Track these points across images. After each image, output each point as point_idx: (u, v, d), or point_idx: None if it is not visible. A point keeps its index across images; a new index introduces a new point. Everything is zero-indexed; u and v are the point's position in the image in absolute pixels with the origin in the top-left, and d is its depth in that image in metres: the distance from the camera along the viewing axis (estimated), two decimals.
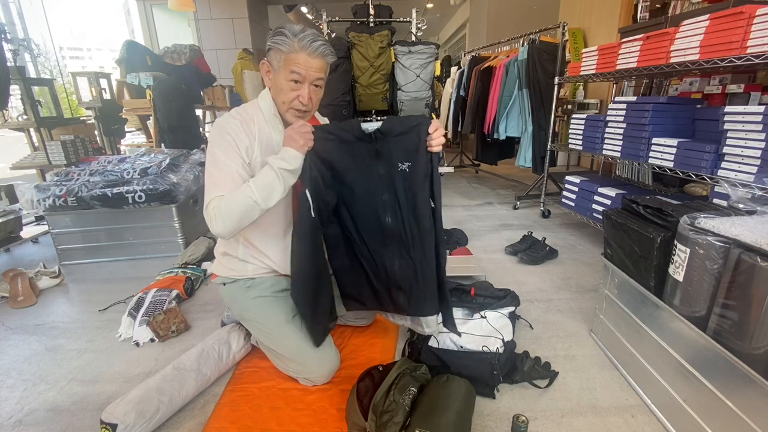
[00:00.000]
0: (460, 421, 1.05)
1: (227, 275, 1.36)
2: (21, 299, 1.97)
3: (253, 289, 1.34)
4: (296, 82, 1.17)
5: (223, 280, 1.36)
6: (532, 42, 3.33)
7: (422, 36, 3.31)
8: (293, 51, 1.13)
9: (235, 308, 1.39)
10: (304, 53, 1.14)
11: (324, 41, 1.17)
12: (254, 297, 1.34)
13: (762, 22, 1.50)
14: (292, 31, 1.13)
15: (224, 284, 1.36)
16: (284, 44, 1.13)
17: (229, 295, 1.37)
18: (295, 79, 1.16)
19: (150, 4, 7.42)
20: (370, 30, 2.88)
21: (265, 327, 1.33)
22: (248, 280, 1.35)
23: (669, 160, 2.00)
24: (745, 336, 0.89)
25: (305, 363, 1.30)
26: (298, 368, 1.32)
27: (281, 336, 1.31)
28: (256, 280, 1.35)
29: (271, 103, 1.24)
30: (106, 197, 2.33)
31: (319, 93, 1.26)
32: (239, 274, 1.35)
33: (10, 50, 3.39)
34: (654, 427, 1.16)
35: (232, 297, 1.37)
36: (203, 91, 4.87)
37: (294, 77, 1.16)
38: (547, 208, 3.23)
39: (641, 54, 2.11)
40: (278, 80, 1.18)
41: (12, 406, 1.30)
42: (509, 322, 1.48)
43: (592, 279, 2.09)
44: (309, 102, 1.21)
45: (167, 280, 1.99)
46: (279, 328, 1.31)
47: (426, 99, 2.92)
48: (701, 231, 1.01)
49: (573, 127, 2.76)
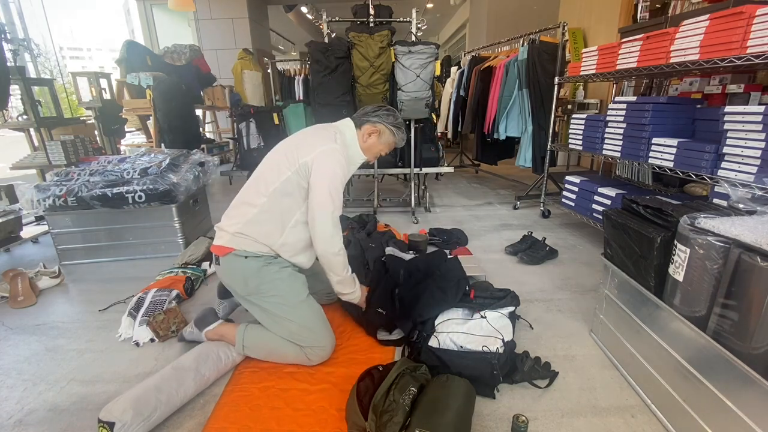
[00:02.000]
0: (460, 421, 1.05)
1: (254, 250, 1.41)
2: (21, 299, 1.97)
3: (274, 265, 1.44)
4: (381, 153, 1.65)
5: (246, 254, 1.41)
6: (532, 42, 3.33)
7: (422, 36, 3.30)
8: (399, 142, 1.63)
9: (252, 281, 1.41)
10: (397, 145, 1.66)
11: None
12: (276, 271, 1.44)
13: (762, 22, 1.50)
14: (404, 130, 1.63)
15: (246, 257, 1.41)
16: (398, 135, 1.60)
17: (249, 268, 1.41)
18: (383, 153, 1.64)
19: (150, 4, 7.43)
20: (370, 30, 2.88)
21: (285, 298, 1.43)
22: (270, 257, 1.45)
23: (669, 160, 2.00)
24: (745, 336, 0.89)
25: (318, 331, 1.44)
26: (311, 336, 1.42)
27: (301, 306, 1.44)
28: (278, 259, 1.47)
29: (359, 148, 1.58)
30: (106, 197, 2.32)
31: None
32: (265, 251, 1.43)
33: (10, 50, 3.39)
34: (654, 427, 1.16)
35: (252, 270, 1.41)
36: (203, 91, 4.87)
37: (385, 152, 1.64)
38: (547, 208, 3.23)
39: (641, 54, 2.11)
40: (376, 145, 1.59)
41: (12, 406, 1.30)
42: (509, 322, 1.48)
43: (592, 279, 2.09)
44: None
45: (167, 280, 1.99)
46: (299, 300, 1.45)
47: (426, 99, 2.92)
48: (701, 231, 1.01)
49: (573, 127, 2.76)
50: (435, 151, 3.43)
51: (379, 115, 1.56)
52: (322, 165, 1.39)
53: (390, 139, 1.60)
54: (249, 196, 1.45)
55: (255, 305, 1.44)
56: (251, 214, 1.41)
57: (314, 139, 1.46)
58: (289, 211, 1.43)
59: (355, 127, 1.57)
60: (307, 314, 1.44)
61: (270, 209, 1.41)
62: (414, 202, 3.32)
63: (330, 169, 1.40)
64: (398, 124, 1.58)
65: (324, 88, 2.95)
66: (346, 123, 1.58)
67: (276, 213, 1.42)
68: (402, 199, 3.73)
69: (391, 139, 1.60)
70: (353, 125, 1.57)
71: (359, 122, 1.57)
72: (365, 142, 1.57)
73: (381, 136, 1.58)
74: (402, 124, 1.60)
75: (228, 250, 1.42)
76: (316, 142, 1.44)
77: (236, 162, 4.19)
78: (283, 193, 1.41)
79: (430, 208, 3.54)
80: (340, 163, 1.42)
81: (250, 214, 1.41)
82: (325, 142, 1.44)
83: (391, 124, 1.56)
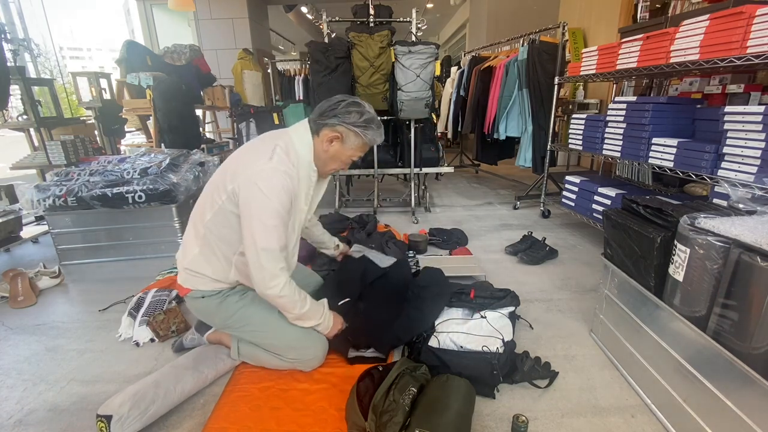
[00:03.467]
0: (460, 421, 1.05)
1: (209, 288, 1.32)
2: (21, 299, 1.97)
3: (233, 296, 1.36)
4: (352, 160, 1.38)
5: (202, 293, 1.33)
6: (532, 42, 3.33)
7: (422, 36, 3.30)
8: (371, 142, 1.33)
9: (217, 319, 1.36)
10: (370, 145, 1.35)
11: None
12: (236, 301, 1.35)
13: (762, 22, 1.50)
14: (377, 126, 1.31)
15: (203, 297, 1.33)
16: (367, 136, 1.30)
17: (208, 307, 1.34)
18: (354, 159, 1.37)
19: (150, 4, 7.42)
20: (370, 30, 2.88)
21: (257, 325, 1.35)
22: (227, 290, 1.36)
23: (669, 160, 2.00)
24: (745, 336, 0.89)
25: (305, 347, 1.35)
26: (299, 354, 1.35)
27: (277, 328, 1.34)
28: (236, 288, 1.38)
29: (311, 160, 1.31)
30: (106, 197, 2.32)
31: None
32: (221, 286, 1.34)
33: (10, 50, 3.39)
34: (654, 427, 1.16)
35: (212, 309, 1.34)
36: (203, 91, 4.87)
37: (357, 156, 1.36)
38: (547, 208, 3.23)
39: (641, 54, 2.11)
40: (342, 152, 1.32)
41: (12, 406, 1.30)
42: (509, 322, 1.48)
43: (592, 279, 2.09)
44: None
45: (167, 280, 1.99)
46: (273, 323, 1.35)
47: (426, 99, 2.92)
48: (701, 231, 1.01)
49: (573, 127, 2.76)
50: (435, 151, 3.43)
51: (338, 114, 1.26)
52: (249, 193, 1.16)
53: (358, 142, 1.30)
54: (193, 224, 1.33)
55: (234, 335, 1.41)
56: (196, 248, 1.30)
57: (246, 158, 1.24)
58: (229, 243, 1.27)
59: (311, 132, 1.30)
60: (285, 334, 1.33)
61: (209, 242, 1.28)
62: (414, 202, 3.32)
63: (258, 197, 1.15)
64: (365, 122, 1.27)
65: (324, 88, 2.95)
66: (300, 131, 1.31)
67: (216, 245, 1.28)
68: (402, 199, 3.73)
69: (359, 141, 1.30)
70: (308, 131, 1.30)
71: (315, 126, 1.29)
72: (326, 151, 1.30)
73: (345, 140, 1.29)
74: (372, 119, 1.29)
75: (186, 290, 1.35)
76: (246, 162, 1.21)
77: None
78: (220, 223, 1.24)
79: (430, 208, 3.54)
80: (270, 189, 1.15)
81: (196, 248, 1.30)
82: (256, 161, 1.19)
83: (353, 124, 1.26)
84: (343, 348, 1.46)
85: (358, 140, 1.30)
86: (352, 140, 1.30)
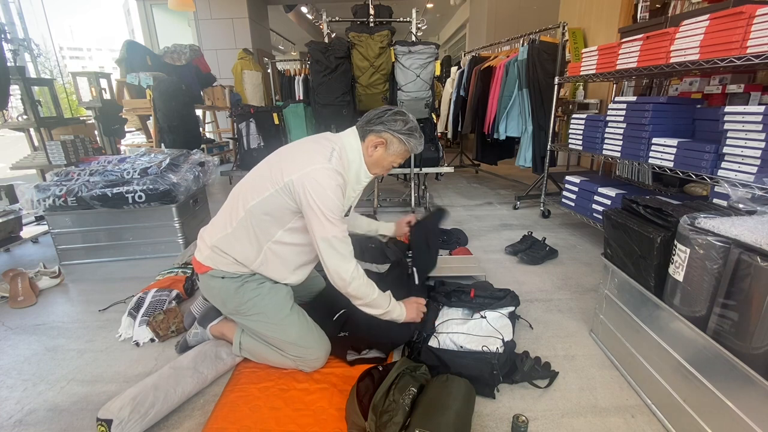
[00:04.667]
0: (460, 421, 1.05)
1: (231, 270, 1.35)
2: (21, 299, 1.97)
3: (252, 282, 1.37)
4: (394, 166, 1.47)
5: (222, 274, 1.35)
6: (532, 42, 3.33)
7: (422, 36, 3.31)
8: (412, 150, 1.42)
9: (230, 303, 1.37)
10: (411, 152, 1.45)
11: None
12: (254, 288, 1.36)
13: (762, 22, 1.50)
14: (419, 135, 1.41)
15: (223, 278, 1.35)
16: (410, 143, 1.38)
17: (226, 289, 1.35)
18: (395, 165, 1.46)
19: (150, 4, 7.43)
20: (370, 30, 2.88)
21: (268, 316, 1.36)
22: (248, 275, 1.38)
23: (669, 160, 2.00)
24: (745, 336, 0.89)
25: (307, 346, 1.38)
26: (301, 352, 1.36)
27: (285, 323, 1.37)
28: (255, 276, 1.39)
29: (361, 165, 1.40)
30: (106, 197, 2.32)
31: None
32: (243, 270, 1.36)
33: (10, 50, 3.40)
34: (654, 427, 1.16)
35: (230, 292, 1.35)
36: (203, 91, 4.87)
37: (398, 162, 1.45)
38: (547, 208, 3.23)
39: (641, 54, 2.11)
40: (385, 158, 1.40)
41: (12, 406, 1.30)
42: (509, 322, 1.48)
43: (592, 279, 2.09)
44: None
45: (167, 280, 1.99)
46: (282, 317, 1.37)
47: (426, 99, 2.92)
48: (701, 231, 1.01)
49: (573, 127, 2.76)
50: (435, 151, 3.43)
51: (384, 121, 1.35)
52: (311, 189, 1.22)
53: (401, 149, 1.39)
54: (231, 207, 1.37)
55: (240, 323, 1.42)
56: (230, 228, 1.33)
57: (305, 156, 1.29)
58: (267, 230, 1.31)
59: (359, 138, 1.39)
60: (293, 330, 1.36)
61: (247, 225, 1.31)
62: (414, 202, 3.32)
63: (320, 192, 1.22)
64: (408, 131, 1.37)
65: (324, 88, 2.95)
66: (350, 137, 1.39)
67: (252, 230, 1.31)
68: (402, 199, 3.73)
69: (402, 148, 1.39)
70: (357, 138, 1.39)
71: (362, 132, 1.38)
72: (371, 156, 1.38)
73: (389, 146, 1.38)
74: (415, 128, 1.39)
75: (206, 268, 1.36)
76: (306, 160, 1.27)
77: (236, 162, 4.19)
78: (263, 210, 1.29)
79: (430, 208, 3.54)
80: (330, 187, 1.23)
81: (229, 228, 1.33)
82: (315, 160, 1.26)
83: (398, 131, 1.35)
84: (341, 352, 1.46)
85: (401, 147, 1.39)
86: (395, 147, 1.39)
